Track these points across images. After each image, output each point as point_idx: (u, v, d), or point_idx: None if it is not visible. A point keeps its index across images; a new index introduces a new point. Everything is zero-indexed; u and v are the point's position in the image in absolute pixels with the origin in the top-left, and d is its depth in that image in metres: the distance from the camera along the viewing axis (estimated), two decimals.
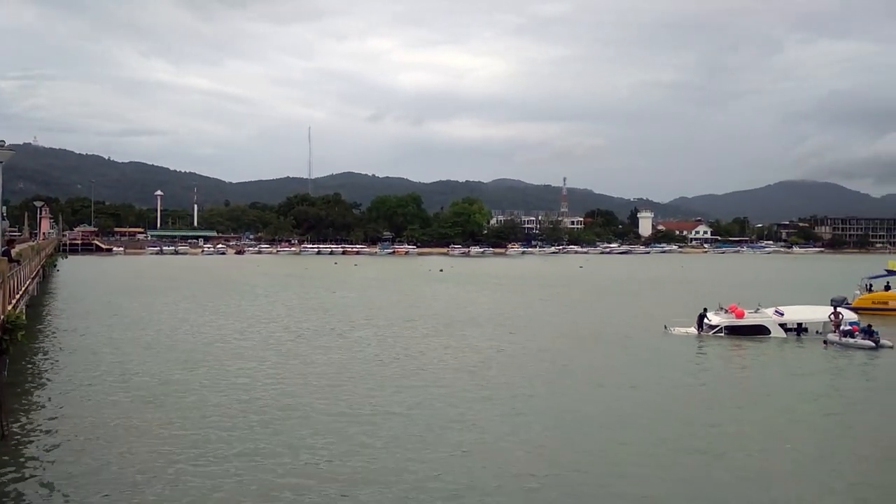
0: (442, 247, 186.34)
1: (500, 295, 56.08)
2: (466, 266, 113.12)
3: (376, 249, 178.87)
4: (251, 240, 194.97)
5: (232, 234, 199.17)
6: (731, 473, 13.87)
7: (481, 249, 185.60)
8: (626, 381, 22.45)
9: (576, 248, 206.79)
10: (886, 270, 44.37)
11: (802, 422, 17.82)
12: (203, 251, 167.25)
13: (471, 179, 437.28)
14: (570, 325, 36.21)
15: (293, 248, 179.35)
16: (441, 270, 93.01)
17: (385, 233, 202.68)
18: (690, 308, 36.11)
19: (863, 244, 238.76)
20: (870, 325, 29.22)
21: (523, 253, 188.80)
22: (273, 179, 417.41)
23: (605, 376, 23.15)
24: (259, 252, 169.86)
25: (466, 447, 15.35)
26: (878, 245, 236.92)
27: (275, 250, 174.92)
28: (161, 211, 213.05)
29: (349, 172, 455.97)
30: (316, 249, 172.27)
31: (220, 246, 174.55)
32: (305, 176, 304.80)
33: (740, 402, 19.98)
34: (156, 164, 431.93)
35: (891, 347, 27.86)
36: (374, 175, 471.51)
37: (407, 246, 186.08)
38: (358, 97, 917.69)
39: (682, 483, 13.39)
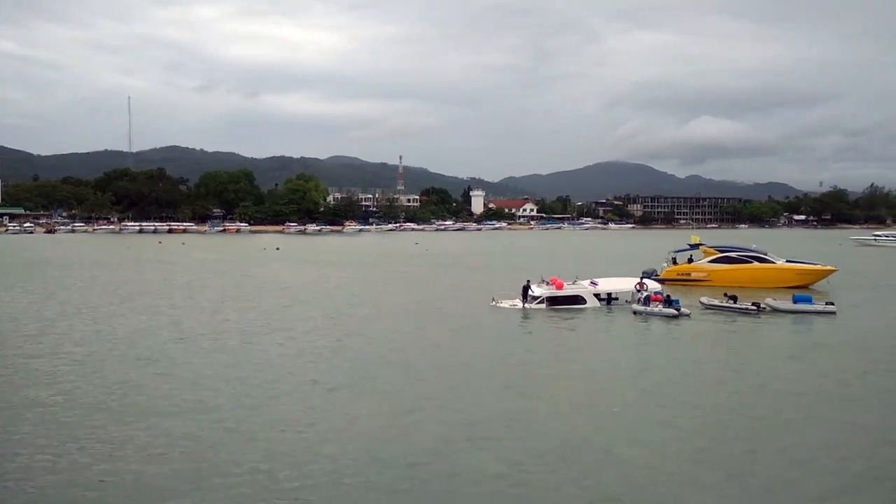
0: (277, 224, 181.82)
1: (338, 273, 55.83)
2: (303, 244, 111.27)
3: (205, 227, 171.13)
4: (64, 217, 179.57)
5: (42, 212, 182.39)
6: (562, 438, 14.82)
7: (318, 227, 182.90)
8: (453, 354, 23.30)
9: (412, 225, 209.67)
10: (689, 244, 48.63)
11: (622, 385, 19.38)
12: (7, 230, 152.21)
13: (306, 156, 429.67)
14: (403, 301, 36.86)
15: (112, 227, 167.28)
16: (277, 249, 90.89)
17: (215, 210, 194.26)
18: (516, 281, 37.94)
19: (669, 221, 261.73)
20: (669, 296, 32.36)
21: (360, 230, 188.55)
22: (89, 153, 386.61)
23: (434, 350, 23.88)
24: (73, 231, 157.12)
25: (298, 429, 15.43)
26: (682, 221, 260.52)
27: (91, 229, 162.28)
28: None
29: (175, 146, 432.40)
30: (138, 227, 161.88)
31: (27, 224, 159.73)
32: (126, 149, 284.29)
33: (562, 369, 21.46)
34: None
35: (688, 315, 31.03)
36: (202, 149, 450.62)
37: (239, 224, 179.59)
38: (185, 66, 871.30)
39: (518, 446, 14.16)
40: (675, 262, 47.69)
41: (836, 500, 12.03)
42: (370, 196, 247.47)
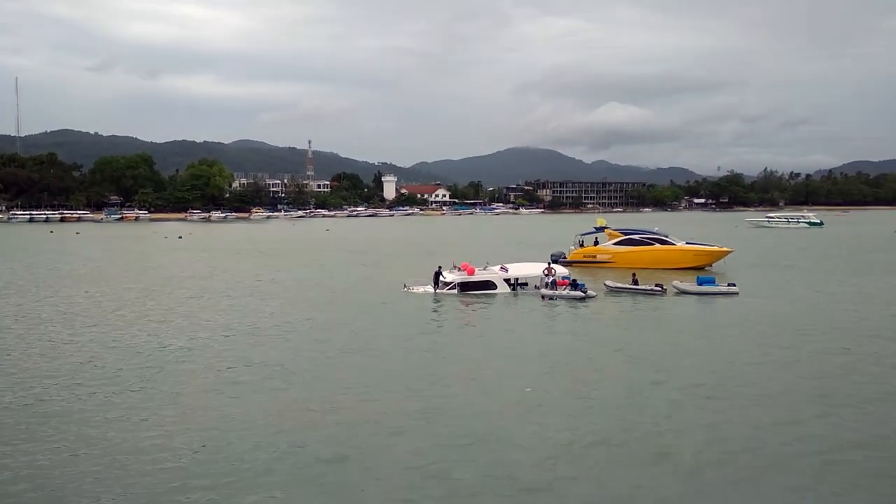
0: (179, 212, 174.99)
1: (245, 261, 54.02)
2: (208, 232, 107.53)
3: (101, 215, 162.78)
4: None
5: None
6: (474, 424, 14.66)
7: (223, 214, 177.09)
8: (363, 341, 22.84)
9: (323, 211, 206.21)
10: (595, 228, 49.74)
11: (532, 367, 19.43)
12: None
13: (210, 140, 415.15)
14: (315, 289, 36.00)
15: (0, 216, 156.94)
16: (180, 237, 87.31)
17: (112, 197, 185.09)
18: (429, 267, 37.65)
19: (577, 205, 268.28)
20: (575, 280, 32.83)
21: (269, 217, 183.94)
22: None
23: (344, 337, 23.32)
24: None
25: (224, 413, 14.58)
26: (590, 206, 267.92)
27: None
28: None
29: (67, 130, 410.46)
30: (28, 216, 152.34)
31: None
32: (13, 133, 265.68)
33: (473, 354, 21.31)
34: None
35: (594, 297, 31.59)
36: (97, 133, 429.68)
37: (138, 211, 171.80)
38: (77, 45, 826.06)
39: (431, 434, 13.95)
40: (582, 245, 48.66)
41: (756, 475, 12.11)
42: (278, 182, 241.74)
